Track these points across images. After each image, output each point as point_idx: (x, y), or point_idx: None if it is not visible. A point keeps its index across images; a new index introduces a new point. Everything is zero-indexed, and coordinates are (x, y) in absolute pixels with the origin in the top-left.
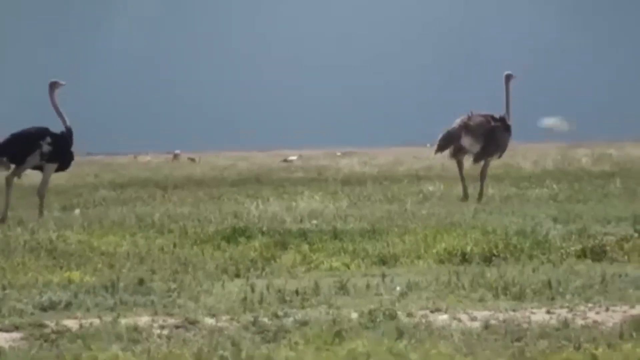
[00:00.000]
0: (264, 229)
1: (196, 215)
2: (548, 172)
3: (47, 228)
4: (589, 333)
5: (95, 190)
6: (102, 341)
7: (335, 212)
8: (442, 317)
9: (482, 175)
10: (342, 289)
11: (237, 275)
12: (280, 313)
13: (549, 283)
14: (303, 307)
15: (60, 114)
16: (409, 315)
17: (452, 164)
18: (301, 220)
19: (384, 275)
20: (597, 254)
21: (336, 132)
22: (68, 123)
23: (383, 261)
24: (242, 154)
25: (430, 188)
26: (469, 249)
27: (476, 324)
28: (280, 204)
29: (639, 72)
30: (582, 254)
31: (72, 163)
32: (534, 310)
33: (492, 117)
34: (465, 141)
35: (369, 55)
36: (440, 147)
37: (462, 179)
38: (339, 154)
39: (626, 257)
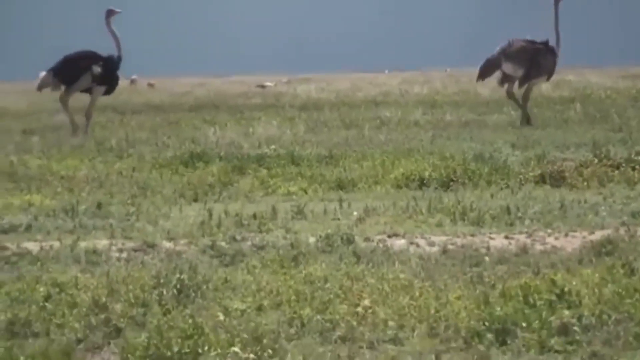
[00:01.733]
0: (222, 154)
1: (154, 140)
2: (505, 98)
3: (6, 152)
4: (548, 258)
5: (55, 115)
6: (62, 264)
7: (292, 138)
8: (400, 242)
9: (525, 99)
10: (300, 213)
11: (195, 200)
12: (237, 237)
13: (508, 208)
14: (260, 232)
15: (116, 40)
16: (367, 239)
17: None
18: (259, 146)
19: (341, 200)
20: (556, 179)
21: (293, 59)
22: (121, 49)
23: (340, 186)
24: (199, 80)
25: (388, 114)
26: (427, 174)
27: (434, 249)
28: (237, 129)
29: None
30: (540, 180)
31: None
32: (493, 236)
33: (533, 42)
34: (507, 67)
35: None
36: (481, 75)
37: (517, 103)
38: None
39: (585, 183)
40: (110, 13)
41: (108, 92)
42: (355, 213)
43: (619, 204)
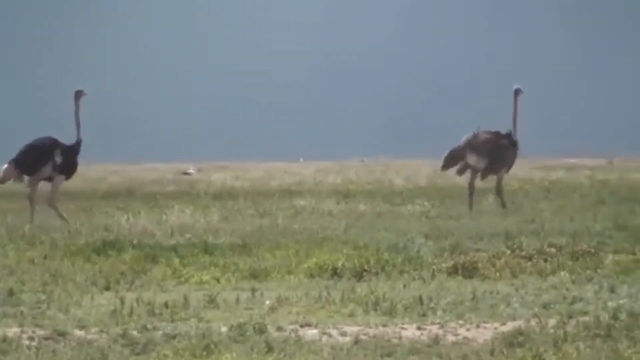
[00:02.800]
0: (135, 242)
1: (67, 227)
2: (420, 188)
3: None
4: (460, 349)
5: None
6: None
7: (206, 227)
8: (312, 332)
9: (498, 191)
10: (212, 302)
11: (107, 288)
12: (149, 326)
13: (420, 299)
14: (173, 320)
15: (77, 124)
16: (279, 329)
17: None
18: (172, 234)
19: (254, 290)
20: (469, 270)
21: (208, 146)
22: (81, 134)
23: (254, 275)
24: (113, 167)
25: (302, 203)
26: (340, 264)
27: (346, 339)
28: (150, 217)
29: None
30: (453, 271)
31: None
32: (405, 326)
33: (498, 134)
34: (471, 159)
35: (253, 70)
36: (445, 165)
37: (470, 194)
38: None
39: (498, 274)
40: (79, 94)
41: (65, 179)
42: (267, 302)
43: (530, 295)
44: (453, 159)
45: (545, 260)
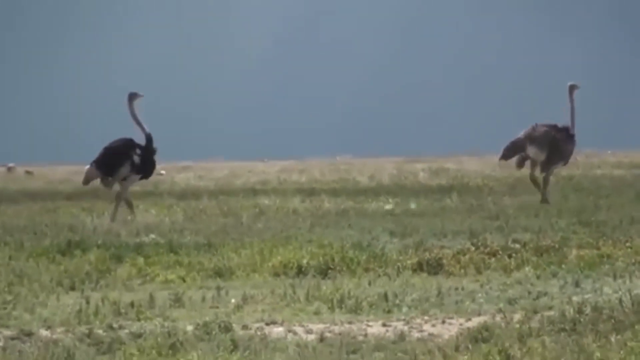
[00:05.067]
0: (99, 242)
1: (32, 228)
2: (384, 186)
3: None
4: (425, 346)
5: None
6: None
7: (171, 226)
8: (278, 330)
9: (545, 182)
10: (178, 301)
11: (73, 288)
12: (115, 325)
13: (385, 296)
14: (138, 320)
15: (139, 123)
16: (244, 327)
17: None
18: (137, 234)
19: (219, 288)
20: (434, 267)
21: (172, 147)
22: (147, 130)
23: (219, 274)
24: (77, 168)
25: (266, 202)
26: (305, 262)
27: (312, 337)
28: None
29: (479, 85)
30: (418, 267)
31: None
32: (370, 323)
33: (556, 127)
34: (531, 151)
35: (214, 69)
36: (505, 156)
37: (537, 185)
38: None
39: (462, 271)
40: (133, 97)
41: (144, 177)
42: (233, 301)
43: (495, 290)
44: (512, 150)
45: (510, 256)
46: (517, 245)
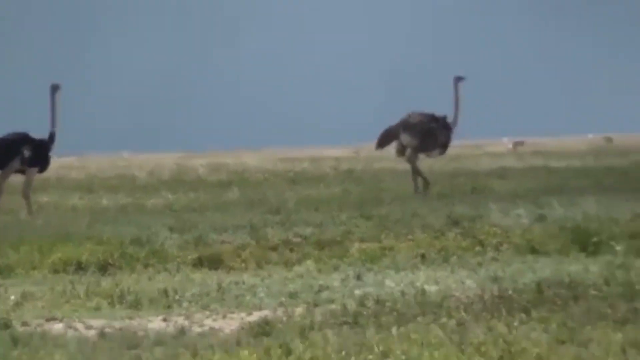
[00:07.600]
0: None
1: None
2: (164, 182)
3: None
4: (206, 340)
5: None
6: None
7: None
8: (58, 326)
9: (413, 169)
10: None
11: None
12: None
13: (165, 291)
14: None
15: (53, 117)
16: (24, 324)
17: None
18: None
19: None
20: (214, 262)
21: None
22: (55, 128)
23: None
24: None
25: (45, 199)
26: (84, 258)
27: (92, 332)
28: None
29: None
30: (198, 263)
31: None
32: (151, 318)
33: (432, 116)
34: (404, 138)
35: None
36: (380, 144)
37: (415, 173)
38: None
39: (243, 265)
40: (56, 88)
41: (40, 172)
42: (12, 298)
43: (277, 284)
44: (387, 137)
45: (291, 250)
46: (299, 239)
